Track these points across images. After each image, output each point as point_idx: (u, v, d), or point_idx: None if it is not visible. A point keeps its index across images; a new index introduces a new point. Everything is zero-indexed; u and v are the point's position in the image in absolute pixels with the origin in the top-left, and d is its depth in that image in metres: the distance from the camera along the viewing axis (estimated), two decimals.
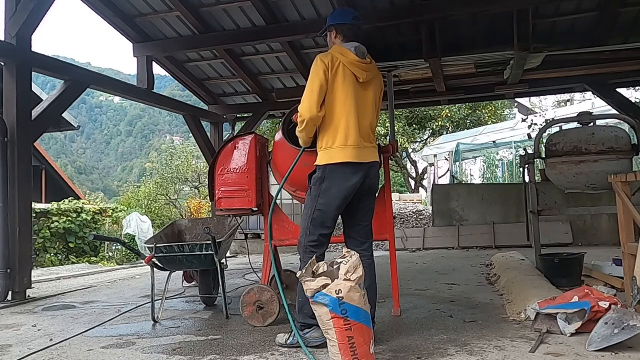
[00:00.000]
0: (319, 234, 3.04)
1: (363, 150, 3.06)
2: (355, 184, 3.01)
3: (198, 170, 18.13)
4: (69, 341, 3.49)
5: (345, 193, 3.01)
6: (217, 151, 4.09)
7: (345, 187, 2.99)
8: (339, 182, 2.99)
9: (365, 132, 3.09)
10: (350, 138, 3.00)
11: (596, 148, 4.69)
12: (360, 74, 3.06)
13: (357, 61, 3.06)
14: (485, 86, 8.44)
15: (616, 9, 6.87)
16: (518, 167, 8.33)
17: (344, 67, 3.04)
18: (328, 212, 3.03)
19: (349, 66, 3.04)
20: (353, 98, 3.04)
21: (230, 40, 7.71)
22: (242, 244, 9.95)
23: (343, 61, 3.04)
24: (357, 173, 3.02)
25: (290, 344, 3.05)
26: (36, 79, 8.18)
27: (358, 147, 3.03)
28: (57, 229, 10.92)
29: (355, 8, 6.87)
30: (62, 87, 6.16)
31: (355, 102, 3.04)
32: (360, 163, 3.03)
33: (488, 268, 6.15)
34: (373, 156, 3.14)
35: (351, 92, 3.03)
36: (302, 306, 3.02)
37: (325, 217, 3.03)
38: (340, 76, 3.02)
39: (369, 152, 3.11)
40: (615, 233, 3.95)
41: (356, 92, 3.06)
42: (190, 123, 9.23)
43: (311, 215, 3.04)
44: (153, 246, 3.98)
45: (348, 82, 3.03)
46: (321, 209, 3.02)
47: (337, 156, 2.99)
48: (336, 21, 3.23)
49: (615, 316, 2.83)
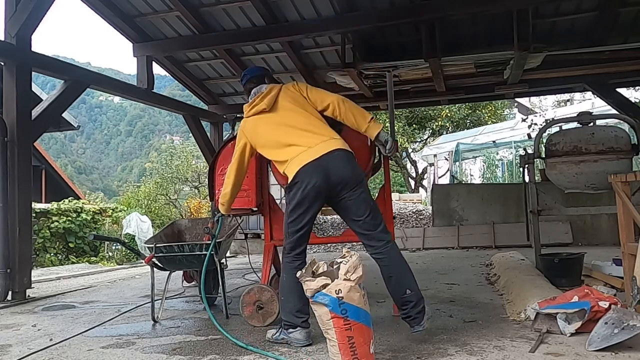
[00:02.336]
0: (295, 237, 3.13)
1: (309, 150, 3.03)
2: (316, 183, 2.98)
3: (198, 170, 18.13)
4: (69, 341, 3.49)
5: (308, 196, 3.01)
6: (217, 151, 4.09)
7: (304, 190, 3.01)
8: (298, 188, 3.04)
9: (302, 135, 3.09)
10: (293, 151, 3.08)
11: (596, 148, 4.69)
12: (259, 107, 3.24)
13: (250, 106, 3.31)
14: (485, 86, 8.43)
15: (616, 9, 6.87)
16: (518, 167, 8.33)
17: (250, 118, 3.30)
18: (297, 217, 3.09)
19: (250, 114, 3.30)
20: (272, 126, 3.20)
21: (230, 40, 7.70)
22: (242, 244, 9.95)
23: (246, 115, 3.34)
24: (312, 173, 2.99)
25: (275, 339, 3.15)
26: (36, 79, 8.18)
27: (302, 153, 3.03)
28: (57, 229, 10.92)
29: (355, 8, 6.90)
30: (62, 87, 6.16)
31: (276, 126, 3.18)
32: (310, 162, 2.99)
33: (488, 268, 6.15)
34: (327, 147, 3.03)
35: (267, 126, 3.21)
36: (284, 304, 3.12)
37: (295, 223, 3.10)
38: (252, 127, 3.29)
39: (320, 147, 3.03)
40: (615, 233, 3.95)
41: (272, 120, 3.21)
42: (190, 123, 9.23)
43: (286, 222, 3.17)
44: (153, 246, 3.98)
45: (257, 122, 3.26)
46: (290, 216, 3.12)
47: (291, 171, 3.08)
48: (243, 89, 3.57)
49: (615, 316, 2.83)
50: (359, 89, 7.77)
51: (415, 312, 3.00)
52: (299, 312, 3.05)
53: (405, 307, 3.02)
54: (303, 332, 3.06)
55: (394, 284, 3.06)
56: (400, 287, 3.03)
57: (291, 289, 3.06)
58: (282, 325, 3.14)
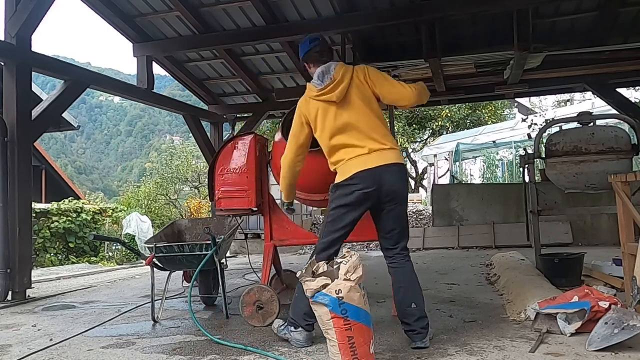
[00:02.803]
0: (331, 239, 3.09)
1: (368, 157, 2.98)
2: (366, 193, 2.96)
3: (198, 170, 18.12)
4: (69, 341, 3.49)
5: (354, 203, 2.99)
6: (217, 151, 4.09)
7: (352, 197, 2.98)
8: (346, 193, 3.00)
9: (364, 138, 3.02)
10: (351, 152, 3.01)
11: (596, 148, 4.69)
12: (329, 98, 3.07)
13: (319, 92, 3.08)
14: (485, 86, 8.43)
15: (616, 9, 6.87)
16: (518, 167, 8.33)
17: (314, 101, 3.11)
18: (338, 221, 3.06)
19: (317, 99, 3.10)
20: (336, 120, 3.05)
21: (230, 40, 7.71)
22: (242, 244, 9.95)
23: (311, 96, 3.13)
24: (365, 181, 2.96)
25: (278, 332, 3.21)
26: (36, 79, 8.17)
27: (362, 156, 2.98)
28: (57, 229, 10.92)
29: (355, 8, 6.90)
30: (62, 87, 6.16)
31: (340, 122, 3.05)
32: (369, 169, 2.96)
33: (488, 268, 6.15)
34: (387, 158, 3.01)
35: (331, 117, 3.06)
36: (296, 302, 3.09)
37: (335, 225, 3.08)
38: (314, 112, 3.11)
39: (379, 156, 3.00)
40: (615, 233, 3.95)
41: (337, 113, 3.06)
42: (190, 123, 9.23)
43: (326, 221, 3.15)
44: (153, 246, 3.98)
45: (324, 111, 3.08)
46: (331, 218, 3.08)
47: (342, 174, 3.04)
48: (302, 55, 3.31)
49: (615, 316, 2.83)
50: None
51: (420, 327, 2.97)
52: (307, 314, 2.99)
53: (407, 320, 3.00)
54: (304, 333, 3.06)
55: (401, 295, 3.09)
56: (407, 300, 3.04)
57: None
58: (288, 321, 3.15)
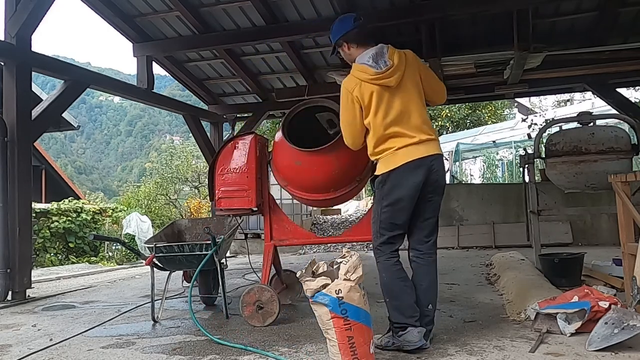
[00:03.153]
0: (388, 237, 2.98)
1: (419, 146, 2.93)
2: (417, 182, 2.90)
3: (198, 170, 18.13)
4: (69, 341, 3.49)
5: (408, 192, 2.91)
6: (217, 151, 4.09)
7: (406, 186, 2.90)
8: (400, 182, 2.91)
9: (415, 127, 2.95)
10: (401, 141, 2.92)
11: (596, 148, 4.69)
12: (387, 82, 2.92)
13: (377, 75, 2.92)
14: (485, 86, 8.43)
15: (616, 9, 6.87)
16: (518, 167, 8.33)
17: (369, 85, 2.93)
18: (395, 213, 2.94)
19: (373, 82, 2.93)
20: (391, 107, 2.92)
21: (230, 40, 7.71)
22: (242, 244, 9.95)
23: (365, 79, 2.94)
24: (417, 169, 2.90)
25: (386, 345, 2.92)
26: (36, 79, 8.18)
27: (411, 146, 2.92)
28: (57, 229, 10.93)
29: (355, 8, 6.89)
30: (62, 87, 6.16)
31: (394, 109, 2.93)
32: (419, 159, 2.91)
33: (488, 268, 6.14)
34: (433, 149, 2.98)
35: (385, 103, 2.92)
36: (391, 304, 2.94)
37: (392, 219, 2.95)
38: (368, 95, 2.93)
39: (427, 146, 2.95)
40: (615, 233, 3.95)
41: (391, 99, 2.93)
42: (190, 123, 9.23)
43: (379, 218, 3.00)
44: (153, 246, 3.98)
45: (379, 95, 2.92)
46: (386, 212, 2.96)
47: (392, 162, 2.92)
48: (341, 33, 3.10)
49: (615, 316, 2.83)
50: None
51: (429, 328, 2.97)
52: (408, 309, 2.89)
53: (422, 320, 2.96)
54: (414, 331, 2.84)
55: (421, 295, 3.00)
56: (425, 300, 2.99)
57: (399, 287, 2.94)
58: (392, 329, 2.94)
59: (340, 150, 3.42)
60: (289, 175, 3.85)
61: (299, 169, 3.69)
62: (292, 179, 3.84)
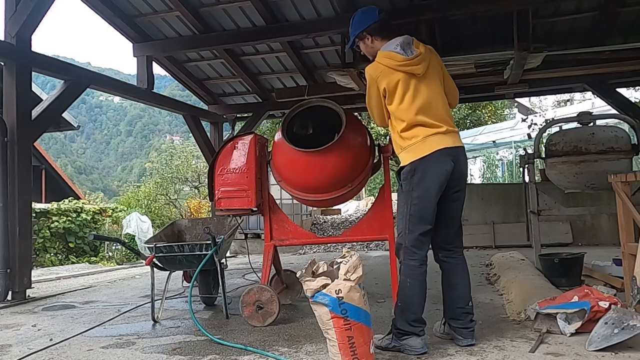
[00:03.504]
0: (419, 233, 2.86)
1: (446, 136, 2.91)
2: (447, 170, 2.86)
3: (198, 170, 18.13)
4: (69, 341, 3.49)
5: (439, 180, 2.84)
6: (217, 151, 4.09)
7: (438, 173, 2.84)
8: (430, 170, 2.84)
9: (440, 118, 2.93)
10: (428, 130, 2.88)
11: (596, 148, 4.70)
12: (415, 70, 2.91)
13: (406, 61, 2.90)
14: (485, 86, 8.43)
15: (616, 9, 6.87)
16: (518, 167, 8.33)
17: (395, 71, 2.90)
18: (425, 204, 2.84)
19: (400, 68, 2.91)
20: (417, 95, 2.90)
21: (230, 40, 7.70)
22: (242, 244, 9.96)
23: (392, 65, 2.91)
24: (446, 158, 2.87)
25: (386, 347, 2.89)
26: (36, 79, 8.18)
27: (439, 135, 2.89)
28: (57, 229, 10.93)
29: (355, 8, 6.86)
30: (62, 87, 6.16)
31: (421, 97, 2.90)
32: (448, 148, 2.88)
33: (488, 268, 6.14)
34: (459, 141, 2.97)
35: (412, 91, 2.90)
36: (403, 311, 2.87)
37: (423, 210, 2.85)
38: (394, 82, 2.90)
39: (453, 137, 2.95)
40: (615, 233, 3.95)
41: (417, 87, 2.91)
42: (190, 123, 9.23)
43: (408, 212, 2.87)
44: (153, 246, 3.98)
45: (405, 83, 2.90)
46: (417, 203, 2.85)
47: (422, 150, 2.85)
48: (366, 25, 3.10)
49: (615, 316, 2.83)
50: (359, 89, 7.77)
51: (473, 325, 2.97)
52: (416, 321, 2.84)
53: (461, 319, 2.96)
54: (418, 339, 2.82)
55: (457, 294, 2.99)
56: (462, 298, 2.98)
57: (419, 299, 2.86)
58: (394, 333, 2.89)
59: (340, 151, 3.42)
60: (288, 175, 3.84)
61: (298, 169, 3.69)
62: (291, 178, 3.84)
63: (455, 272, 3.03)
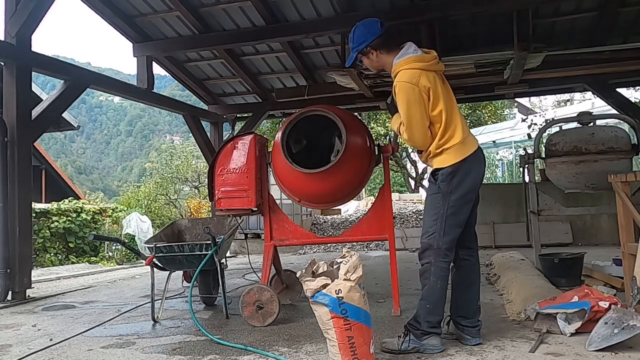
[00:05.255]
0: (453, 237, 2.84)
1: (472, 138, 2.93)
2: (483, 172, 2.88)
3: (198, 170, 18.13)
4: (69, 341, 3.49)
5: (476, 183, 2.85)
6: (217, 151, 4.09)
7: (476, 177, 2.85)
8: (471, 174, 2.83)
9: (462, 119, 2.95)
10: (465, 130, 2.89)
11: (596, 148, 4.70)
12: (441, 67, 2.91)
13: (434, 60, 2.88)
14: (485, 86, 8.42)
15: (616, 9, 6.87)
16: (518, 167, 8.34)
17: (430, 72, 2.84)
18: (463, 208, 2.84)
19: (433, 67, 2.86)
20: (448, 95, 2.90)
21: (230, 40, 7.70)
22: (242, 244, 9.96)
23: (425, 67, 2.83)
24: (481, 159, 2.89)
25: (405, 349, 2.83)
26: (36, 79, 8.18)
27: (470, 136, 2.90)
28: (57, 229, 10.92)
29: (355, 8, 6.89)
30: (62, 87, 6.16)
31: (451, 97, 2.91)
32: (479, 148, 2.89)
33: (488, 268, 6.14)
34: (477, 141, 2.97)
35: (445, 92, 2.88)
36: (430, 312, 2.84)
37: (460, 214, 2.84)
38: (434, 82, 2.83)
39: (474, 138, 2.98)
40: (615, 233, 3.95)
41: (444, 87, 2.90)
42: (190, 123, 9.23)
43: (444, 213, 2.81)
44: (153, 246, 3.98)
45: (439, 83, 2.86)
46: (455, 206, 2.81)
47: (462, 152, 2.82)
48: (370, 39, 2.94)
49: (615, 316, 2.83)
50: (359, 89, 7.77)
51: (480, 324, 3.00)
52: (440, 322, 2.88)
53: (472, 317, 2.98)
54: (438, 338, 2.85)
55: (473, 292, 3.01)
56: (476, 296, 3.02)
57: (444, 300, 2.87)
58: (415, 334, 2.84)
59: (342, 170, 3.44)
60: (288, 186, 3.89)
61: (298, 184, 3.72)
62: (292, 189, 3.88)
63: (474, 270, 3.06)
